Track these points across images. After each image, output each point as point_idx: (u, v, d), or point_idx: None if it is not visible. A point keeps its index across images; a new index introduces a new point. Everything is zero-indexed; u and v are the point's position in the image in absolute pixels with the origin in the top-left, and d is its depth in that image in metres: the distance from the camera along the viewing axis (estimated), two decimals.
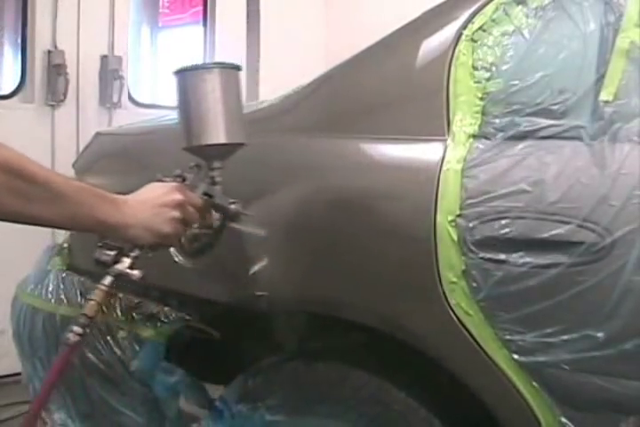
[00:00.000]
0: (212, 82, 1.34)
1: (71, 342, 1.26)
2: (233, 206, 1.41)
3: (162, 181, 1.34)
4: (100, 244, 1.30)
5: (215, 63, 1.51)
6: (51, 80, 3.38)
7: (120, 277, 1.28)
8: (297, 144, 1.49)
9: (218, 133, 1.35)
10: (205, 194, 1.38)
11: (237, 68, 1.40)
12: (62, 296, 1.76)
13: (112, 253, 1.29)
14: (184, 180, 1.37)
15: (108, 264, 1.29)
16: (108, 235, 1.27)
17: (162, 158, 1.72)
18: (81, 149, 2.04)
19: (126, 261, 1.28)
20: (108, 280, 1.28)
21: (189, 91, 1.35)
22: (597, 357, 1.14)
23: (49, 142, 3.40)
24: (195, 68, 1.36)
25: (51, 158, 3.36)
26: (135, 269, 1.28)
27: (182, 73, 1.36)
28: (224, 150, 1.38)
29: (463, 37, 1.34)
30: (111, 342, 1.65)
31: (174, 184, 1.33)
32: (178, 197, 1.28)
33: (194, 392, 1.67)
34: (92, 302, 1.28)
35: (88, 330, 1.27)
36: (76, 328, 1.26)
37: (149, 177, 1.70)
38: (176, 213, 1.27)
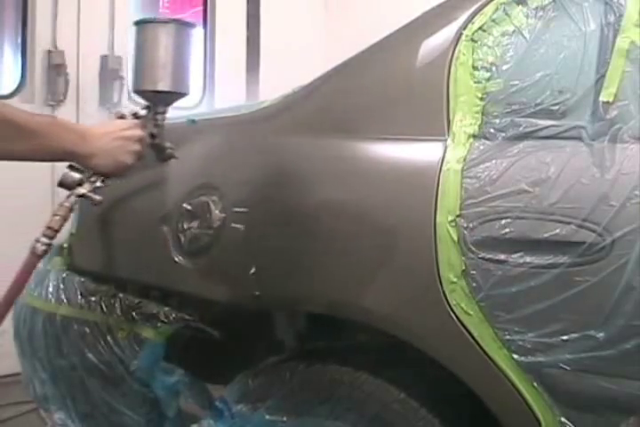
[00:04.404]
0: (165, 35, 1.49)
1: (39, 251, 1.43)
2: (169, 150, 1.57)
3: (124, 117, 1.49)
4: (67, 167, 1.43)
5: (171, 19, 1.67)
6: (51, 80, 3.38)
7: (82, 197, 1.43)
8: (297, 144, 1.49)
9: (163, 81, 1.50)
10: (151, 134, 1.51)
11: (191, 25, 1.55)
12: (62, 296, 1.76)
13: (77, 176, 1.43)
14: (138, 118, 1.50)
15: (72, 187, 1.43)
16: (75, 163, 1.40)
17: None
18: None
19: (87, 186, 1.43)
20: (71, 199, 1.45)
21: (146, 41, 1.50)
22: (597, 357, 1.14)
23: None
24: (152, 20, 1.53)
25: None
26: (96, 194, 1.43)
27: (141, 25, 1.51)
28: (168, 98, 1.53)
29: (463, 37, 1.35)
30: (111, 342, 1.65)
31: (136, 121, 1.47)
32: (139, 132, 1.43)
33: (194, 392, 1.67)
34: (57, 217, 1.44)
35: (52, 242, 1.45)
36: (44, 239, 1.43)
37: (149, 176, 1.71)
38: (137, 147, 1.41)
